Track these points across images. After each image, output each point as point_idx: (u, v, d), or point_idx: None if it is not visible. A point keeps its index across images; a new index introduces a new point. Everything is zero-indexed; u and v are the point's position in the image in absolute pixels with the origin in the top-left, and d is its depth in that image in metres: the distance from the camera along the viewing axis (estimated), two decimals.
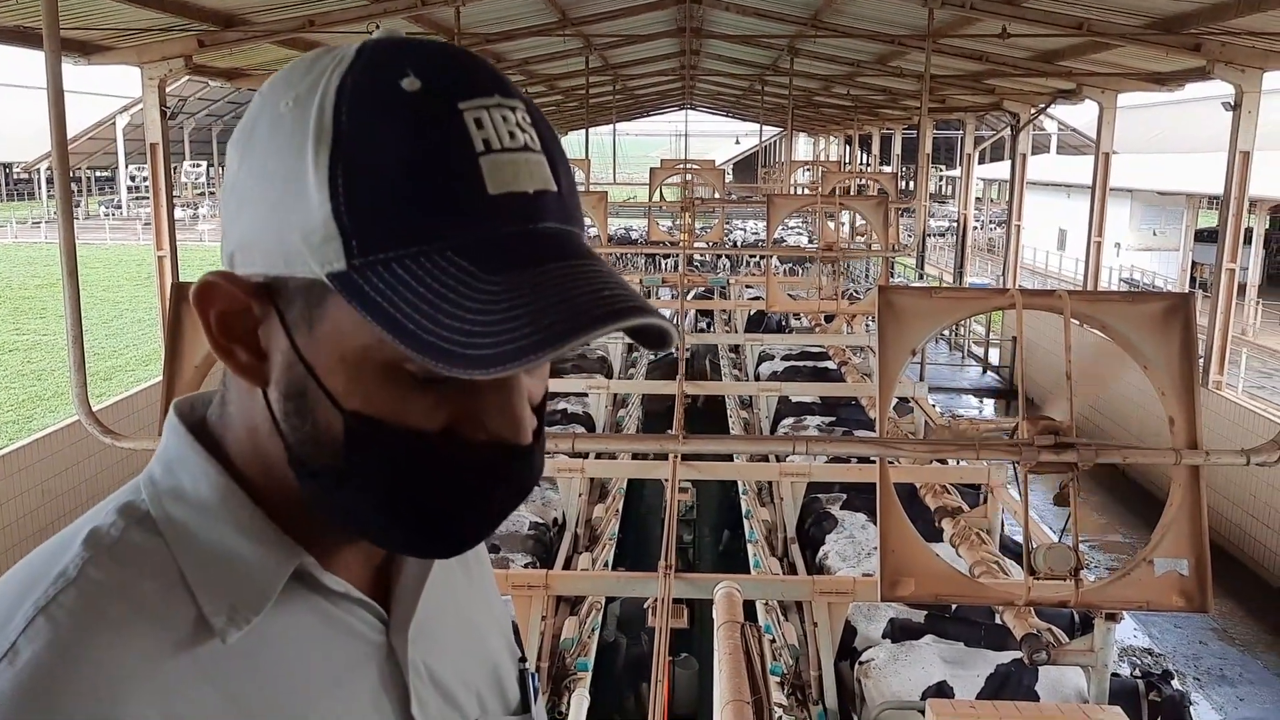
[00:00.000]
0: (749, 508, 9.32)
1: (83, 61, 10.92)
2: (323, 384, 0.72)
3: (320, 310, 0.71)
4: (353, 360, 0.71)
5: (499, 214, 0.69)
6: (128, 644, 0.70)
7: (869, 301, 11.71)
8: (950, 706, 4.13)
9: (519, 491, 0.78)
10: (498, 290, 0.66)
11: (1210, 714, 9.04)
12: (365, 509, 0.75)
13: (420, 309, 0.66)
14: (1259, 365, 17.65)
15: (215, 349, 0.75)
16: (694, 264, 22.42)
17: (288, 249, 0.70)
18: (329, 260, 0.68)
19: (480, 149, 0.68)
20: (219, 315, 0.75)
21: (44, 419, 15.36)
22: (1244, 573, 11.67)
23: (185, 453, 0.78)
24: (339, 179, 0.68)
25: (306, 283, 0.71)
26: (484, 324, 0.65)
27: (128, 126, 44.80)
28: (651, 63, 26.50)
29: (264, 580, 0.75)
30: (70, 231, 5.71)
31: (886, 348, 4.28)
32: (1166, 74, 14.37)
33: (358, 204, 0.68)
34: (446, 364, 0.64)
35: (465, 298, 0.66)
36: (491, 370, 0.63)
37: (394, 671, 0.82)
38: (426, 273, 0.67)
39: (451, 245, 0.67)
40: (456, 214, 0.68)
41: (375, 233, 0.68)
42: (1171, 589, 4.28)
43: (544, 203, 0.71)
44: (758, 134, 37.37)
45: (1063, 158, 43.57)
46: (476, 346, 0.64)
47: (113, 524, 0.75)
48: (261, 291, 0.73)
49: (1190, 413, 4.23)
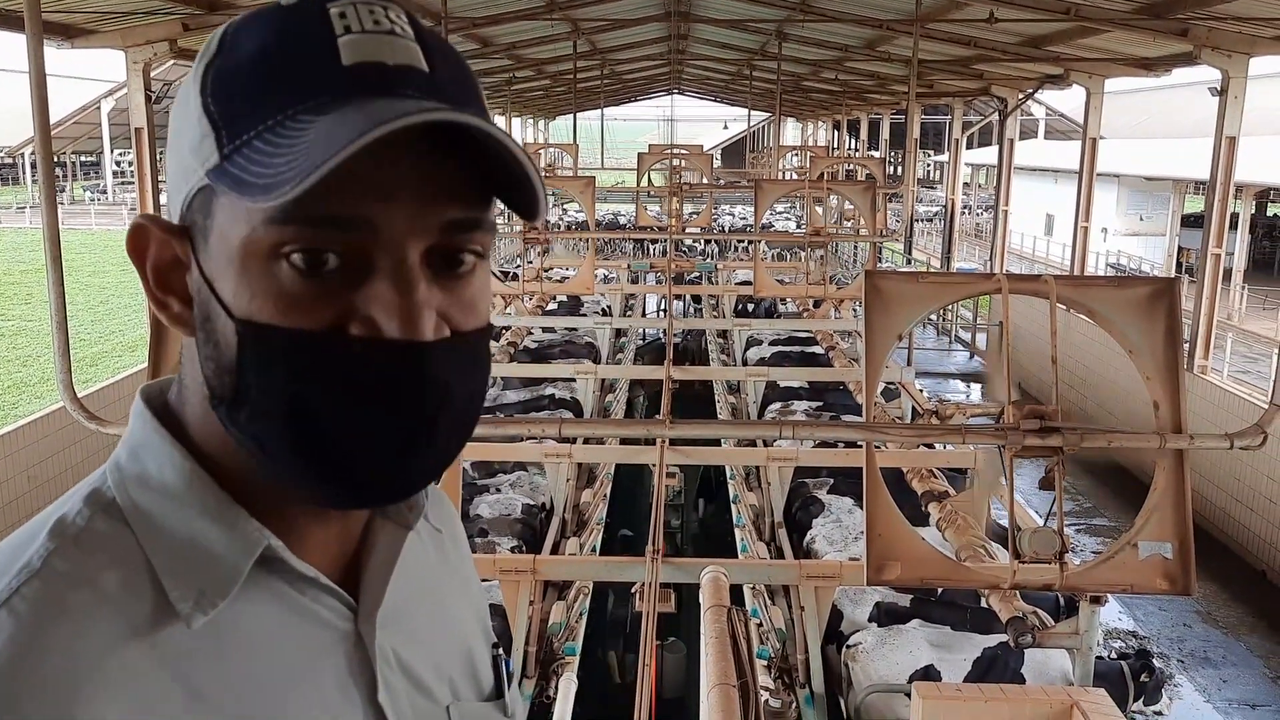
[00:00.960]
0: (736, 493, 9.34)
1: (66, 45, 10.83)
2: (218, 295, 0.73)
3: (210, 218, 0.73)
4: (238, 259, 0.71)
5: (351, 80, 0.70)
6: (89, 635, 0.69)
7: (856, 286, 11.72)
8: (936, 689, 4.15)
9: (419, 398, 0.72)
10: (323, 126, 0.67)
11: (1194, 695, 9.12)
12: (270, 435, 0.72)
13: (263, 163, 0.67)
14: (1244, 350, 17.74)
15: (152, 302, 0.77)
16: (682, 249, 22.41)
17: (184, 166, 0.73)
18: (207, 158, 0.71)
19: (340, 32, 0.71)
20: (154, 266, 0.77)
21: (30, 405, 15.28)
22: (1228, 556, 11.76)
23: (150, 437, 0.78)
24: (208, 80, 0.72)
25: (200, 195, 0.73)
26: (300, 152, 0.66)
27: (113, 111, 44.46)
28: (639, 47, 26.42)
29: (231, 564, 0.74)
30: (54, 216, 5.67)
31: (873, 332, 4.28)
32: (1153, 59, 14.39)
33: (221, 96, 0.71)
34: (265, 195, 0.65)
35: (297, 141, 0.67)
36: (296, 183, 0.64)
37: (362, 659, 0.81)
38: (277, 135, 0.68)
39: (303, 108, 0.69)
40: (307, 82, 0.70)
41: (238, 117, 0.70)
42: (1155, 572, 4.31)
43: (408, 76, 0.71)
44: (746, 119, 37.27)
45: (1050, 143, 43.62)
46: (288, 171, 0.65)
47: (78, 512, 0.75)
48: (180, 232, 0.75)
49: (1175, 397, 4.25)
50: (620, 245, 24.24)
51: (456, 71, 0.75)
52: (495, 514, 7.71)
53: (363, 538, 0.85)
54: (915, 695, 4.02)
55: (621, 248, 24.18)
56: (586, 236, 13.87)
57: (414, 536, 0.87)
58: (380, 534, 0.85)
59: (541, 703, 5.69)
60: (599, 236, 15.86)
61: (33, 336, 21.32)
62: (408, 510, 0.87)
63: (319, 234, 0.70)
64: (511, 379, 11.06)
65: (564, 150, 23.71)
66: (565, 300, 15.15)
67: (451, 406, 0.74)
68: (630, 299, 17.91)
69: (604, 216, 30.25)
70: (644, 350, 16.03)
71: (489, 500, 7.93)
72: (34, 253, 31.53)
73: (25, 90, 5.83)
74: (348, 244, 0.70)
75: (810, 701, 5.75)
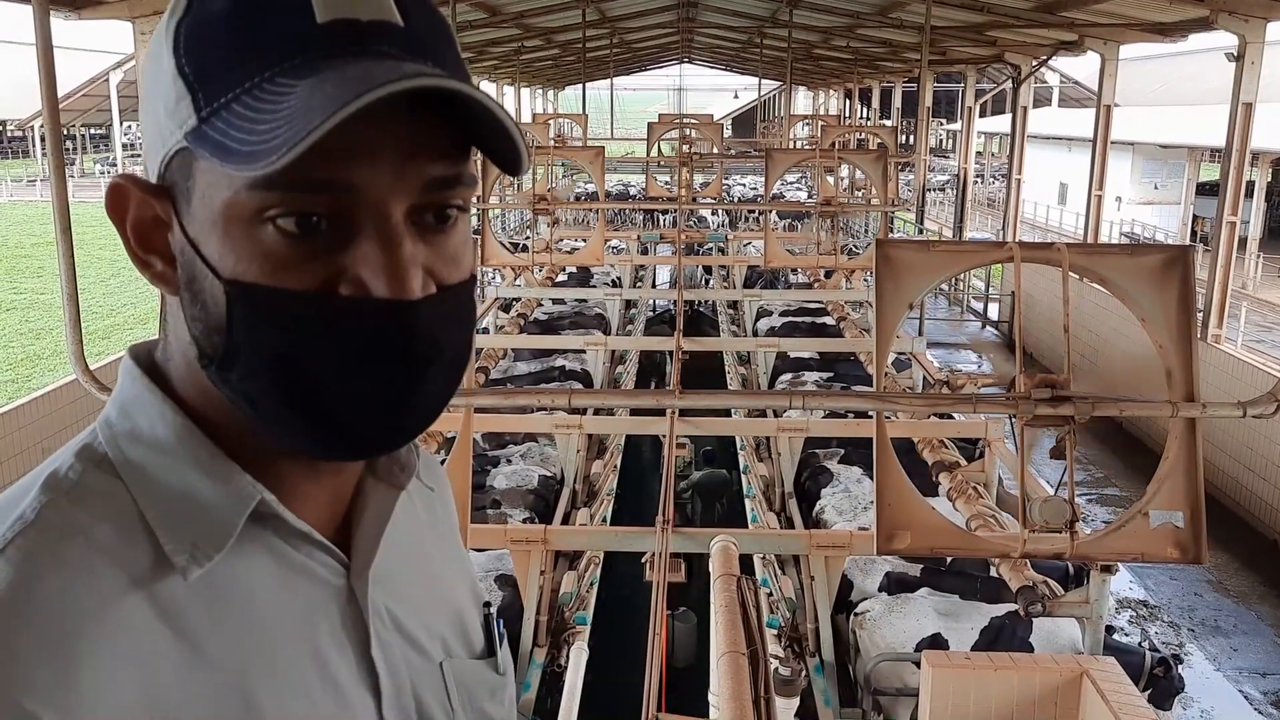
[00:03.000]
0: (747, 463, 9.35)
1: (73, 16, 10.77)
2: (204, 256, 0.73)
3: (191, 180, 0.73)
4: (222, 221, 0.71)
5: (327, 39, 0.70)
6: (86, 585, 0.69)
7: (867, 256, 11.67)
8: (946, 658, 4.16)
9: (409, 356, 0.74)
10: (302, 91, 0.67)
11: (1204, 664, 9.14)
12: (262, 393, 0.73)
13: (245, 129, 0.67)
14: (1259, 319, 17.64)
15: (134, 260, 0.77)
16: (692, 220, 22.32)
17: (161, 129, 0.73)
18: (184, 120, 0.71)
19: None
20: (134, 226, 0.77)
21: (43, 378, 15.36)
22: (1240, 525, 11.74)
23: (140, 394, 0.78)
24: (180, 39, 0.71)
25: (179, 157, 0.72)
26: (283, 118, 0.66)
27: (121, 83, 44.34)
28: (649, 15, 26.20)
29: (225, 517, 0.75)
30: (63, 188, 5.68)
31: (884, 301, 4.27)
32: (1169, 24, 14.21)
33: (195, 56, 0.70)
34: (250, 164, 0.65)
35: (278, 107, 0.67)
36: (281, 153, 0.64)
37: (355, 614, 0.81)
38: (256, 99, 0.68)
39: (280, 70, 0.69)
40: (282, 42, 0.70)
41: (214, 79, 0.70)
42: (1166, 541, 4.30)
43: (382, 30, 0.72)
44: (756, 88, 37.02)
45: (1064, 111, 43.26)
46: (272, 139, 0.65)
47: (70, 467, 0.75)
48: (160, 191, 0.75)
49: (1188, 365, 4.23)
50: (630, 216, 24.16)
51: (431, 21, 0.75)
52: (511, 485, 7.73)
53: (355, 497, 0.85)
54: (925, 664, 4.03)
55: (631, 219, 24.10)
56: (596, 207, 13.81)
57: (405, 497, 0.88)
58: (372, 494, 0.86)
59: (553, 671, 5.73)
60: (609, 207, 15.81)
61: (44, 310, 21.41)
62: (399, 471, 0.87)
63: (302, 198, 0.70)
64: (522, 350, 11.07)
65: (573, 120, 23.60)
66: (575, 271, 15.13)
67: (441, 359, 0.76)
68: (640, 270, 17.89)
69: (614, 187, 30.15)
70: (654, 321, 16.00)
71: (505, 471, 7.95)
72: (44, 226, 31.60)
73: (33, 62, 5.83)
74: (331, 206, 0.71)
75: (820, 670, 5.78)
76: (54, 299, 20.46)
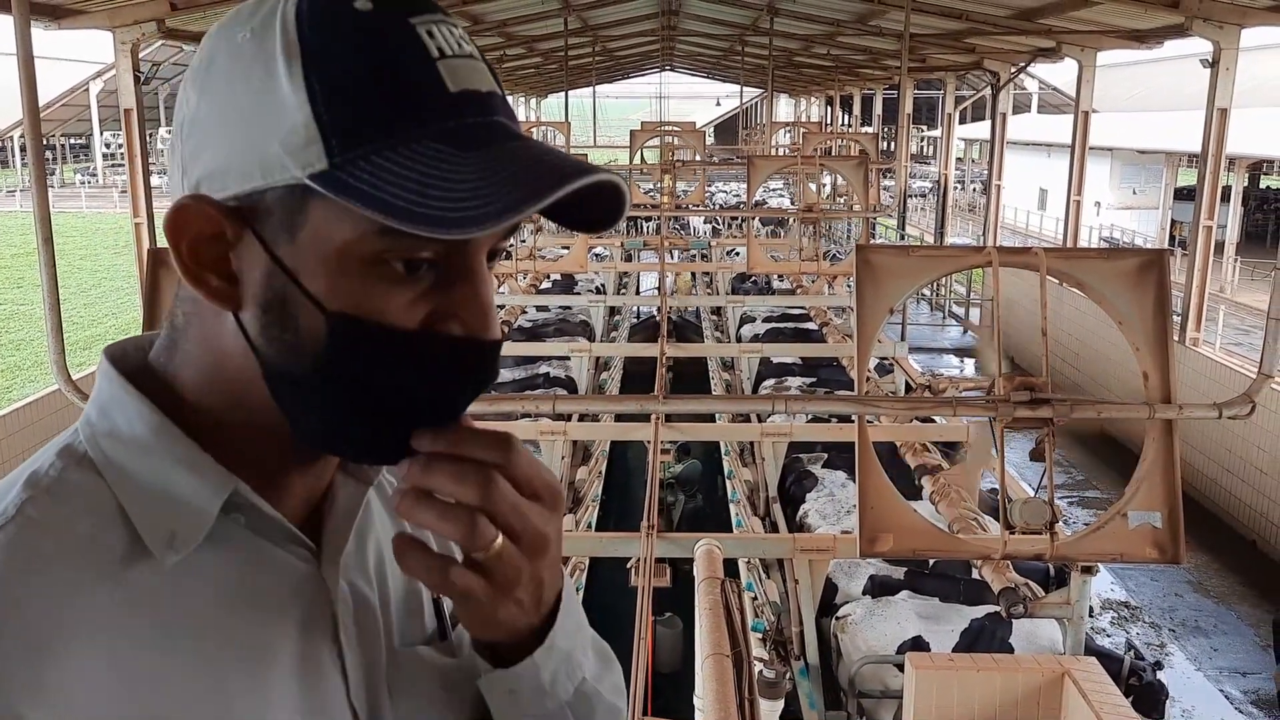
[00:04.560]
0: (731, 468, 9.38)
1: (53, 26, 10.74)
2: (305, 289, 0.75)
3: (301, 216, 0.74)
4: (335, 259, 0.74)
5: (462, 107, 0.74)
6: (61, 579, 0.73)
7: (849, 262, 11.73)
8: (929, 659, 4.20)
9: (481, 387, 0.82)
10: (476, 163, 0.71)
11: (1185, 664, 9.22)
12: (343, 413, 0.78)
13: (407, 187, 0.70)
14: (1236, 322, 17.79)
15: (187, 276, 0.78)
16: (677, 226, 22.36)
17: (266, 160, 0.73)
18: (310, 162, 0.72)
19: (436, 55, 0.74)
20: (191, 242, 0.77)
21: (23, 389, 15.27)
22: (1219, 526, 11.84)
23: (118, 394, 0.81)
24: (314, 85, 0.72)
25: (285, 191, 0.74)
26: (469, 189, 0.70)
27: (101, 92, 44.10)
28: (631, 23, 26.29)
29: (200, 507, 0.78)
30: (44, 198, 5.67)
31: (864, 306, 4.31)
32: (1145, 31, 14.36)
33: (334, 105, 0.72)
34: (444, 229, 0.69)
35: (447, 173, 0.70)
36: (485, 225, 0.68)
37: (324, 602, 0.85)
38: (406, 159, 0.71)
39: (427, 134, 0.73)
40: (425, 107, 0.73)
41: (353, 130, 0.72)
42: (1145, 541, 4.35)
43: (495, 101, 0.78)
44: (738, 95, 37.15)
45: (1043, 117, 43.53)
46: (465, 209, 0.69)
47: (51, 465, 0.78)
48: (233, 213, 0.76)
49: (1164, 368, 4.28)
50: None
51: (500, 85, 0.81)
52: None
53: (326, 490, 0.89)
54: (908, 665, 4.06)
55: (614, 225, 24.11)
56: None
57: (375, 487, 0.93)
58: (343, 488, 0.90)
59: None
60: None
61: (25, 321, 21.28)
62: (369, 467, 0.91)
63: (423, 244, 0.74)
64: (505, 358, 11.06)
65: (556, 128, 23.62)
66: (559, 278, 15.14)
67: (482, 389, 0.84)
68: (624, 277, 17.90)
69: None
70: (638, 328, 16.01)
71: None
72: (25, 236, 31.38)
73: (13, 72, 5.81)
74: (440, 253, 0.76)
75: (805, 673, 5.81)
76: (33, 310, 20.35)
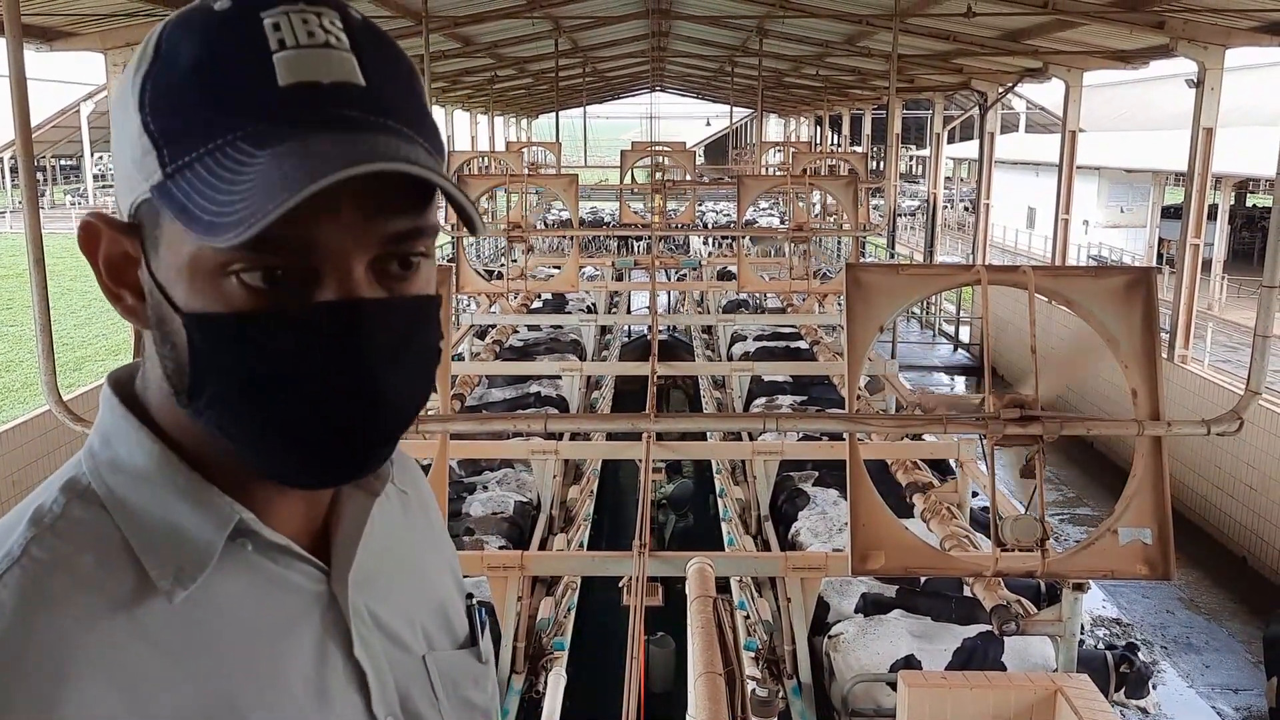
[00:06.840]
0: (723, 486, 9.38)
1: (45, 48, 10.78)
2: (171, 300, 0.75)
3: (158, 229, 0.75)
4: (188, 271, 0.73)
5: (289, 103, 0.71)
6: (69, 617, 0.72)
7: (839, 280, 11.77)
8: (922, 678, 4.20)
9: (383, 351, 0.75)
10: (263, 163, 0.69)
11: (1177, 681, 9.22)
12: (232, 421, 0.75)
13: (207, 195, 0.69)
14: (1224, 339, 17.86)
15: (105, 293, 0.79)
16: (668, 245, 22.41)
17: (129, 176, 0.75)
18: (150, 174, 0.73)
19: (275, 48, 0.71)
20: (106, 260, 0.79)
21: (13, 411, 15.19)
22: (1210, 543, 11.87)
23: (119, 423, 0.81)
24: (145, 94, 0.73)
25: (146, 204, 0.74)
26: (242, 192, 0.68)
27: (93, 114, 44.07)
28: (621, 45, 26.44)
29: (205, 539, 0.78)
30: (36, 219, 5.67)
31: (855, 324, 4.33)
32: (1130, 52, 14.51)
33: (160, 113, 0.72)
34: (212, 235, 0.68)
35: (236, 176, 0.69)
36: (239, 231, 0.66)
37: (337, 618, 0.84)
38: (218, 163, 0.70)
39: (242, 135, 0.71)
40: (246, 106, 0.71)
41: (179, 137, 0.72)
42: (1136, 557, 4.37)
43: (344, 93, 0.73)
44: (728, 116, 37.32)
45: (1031, 136, 43.80)
46: (230, 214, 0.67)
47: (55, 500, 0.78)
48: (130, 229, 0.77)
49: (1152, 384, 4.31)
50: (604, 242, 24.23)
51: (394, 77, 0.76)
52: (486, 512, 7.72)
53: (332, 505, 0.88)
54: (901, 683, 4.06)
55: (606, 245, 24.18)
56: (570, 234, 13.87)
57: (381, 499, 0.91)
58: (348, 502, 0.88)
59: (531, 698, 5.72)
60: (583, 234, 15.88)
61: (15, 342, 21.17)
62: (374, 478, 0.90)
63: (264, 257, 0.72)
64: (496, 377, 11.08)
65: (547, 149, 23.69)
66: (550, 298, 15.17)
67: (398, 364, 0.76)
68: (615, 296, 17.91)
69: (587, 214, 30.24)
70: (629, 347, 16.02)
71: (481, 499, 7.95)
72: (15, 257, 31.28)
73: (4, 93, 5.82)
74: (293, 261, 0.73)
75: (798, 692, 5.79)
76: (23, 331, 20.26)
